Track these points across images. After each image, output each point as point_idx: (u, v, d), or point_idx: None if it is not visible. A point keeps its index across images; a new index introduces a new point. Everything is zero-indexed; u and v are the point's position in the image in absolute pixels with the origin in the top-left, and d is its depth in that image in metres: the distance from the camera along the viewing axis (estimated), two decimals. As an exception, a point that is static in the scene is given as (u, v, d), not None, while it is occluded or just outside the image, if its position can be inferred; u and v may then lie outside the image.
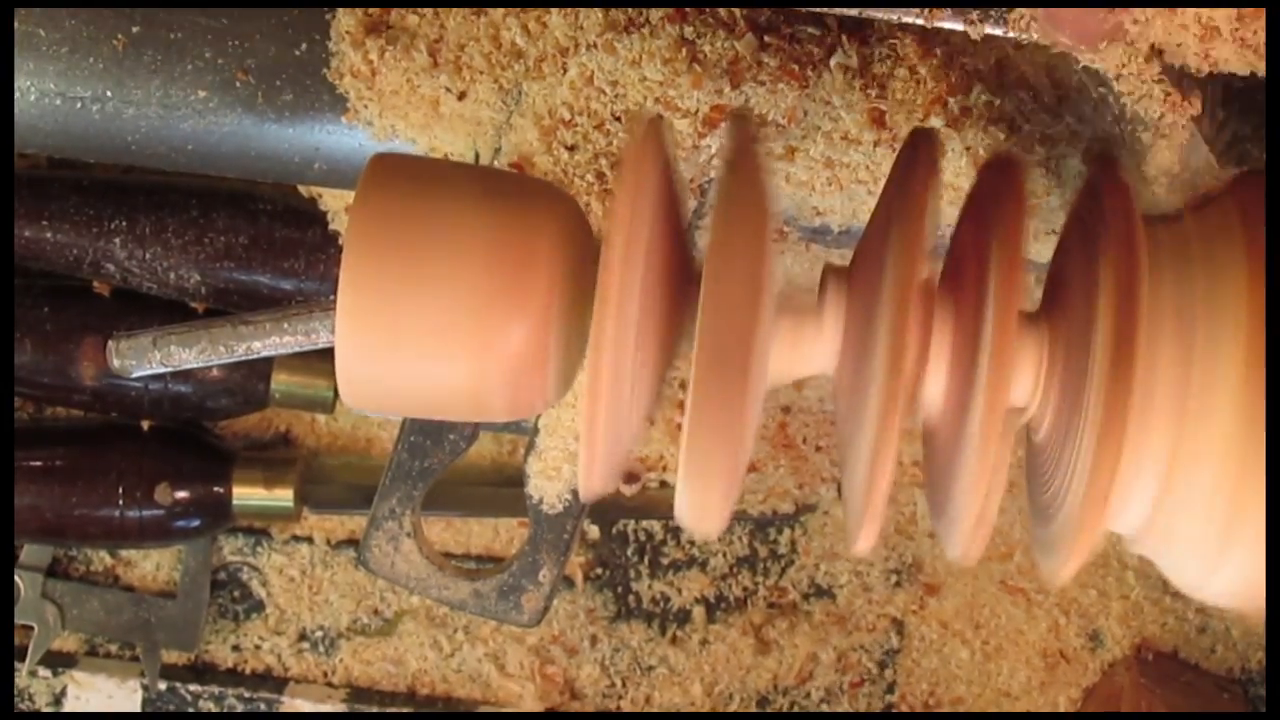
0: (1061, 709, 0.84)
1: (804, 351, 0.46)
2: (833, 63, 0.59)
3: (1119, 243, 0.43)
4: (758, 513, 0.83)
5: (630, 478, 0.80)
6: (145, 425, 0.79)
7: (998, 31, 0.53)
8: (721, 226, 0.42)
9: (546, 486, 0.67)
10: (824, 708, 0.84)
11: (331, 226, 0.73)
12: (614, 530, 0.84)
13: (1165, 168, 0.56)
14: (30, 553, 0.82)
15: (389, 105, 0.62)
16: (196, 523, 0.79)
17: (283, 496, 0.80)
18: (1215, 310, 0.43)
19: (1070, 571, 0.44)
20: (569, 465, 0.66)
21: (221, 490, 0.79)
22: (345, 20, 0.62)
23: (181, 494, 0.78)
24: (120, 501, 0.77)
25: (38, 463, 0.78)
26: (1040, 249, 0.60)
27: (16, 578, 0.82)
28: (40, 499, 0.77)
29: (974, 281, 0.44)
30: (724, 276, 0.41)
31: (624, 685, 0.85)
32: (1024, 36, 0.53)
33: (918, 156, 0.44)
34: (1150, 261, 0.43)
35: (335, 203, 0.72)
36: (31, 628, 0.82)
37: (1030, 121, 0.58)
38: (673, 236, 0.44)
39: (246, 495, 0.79)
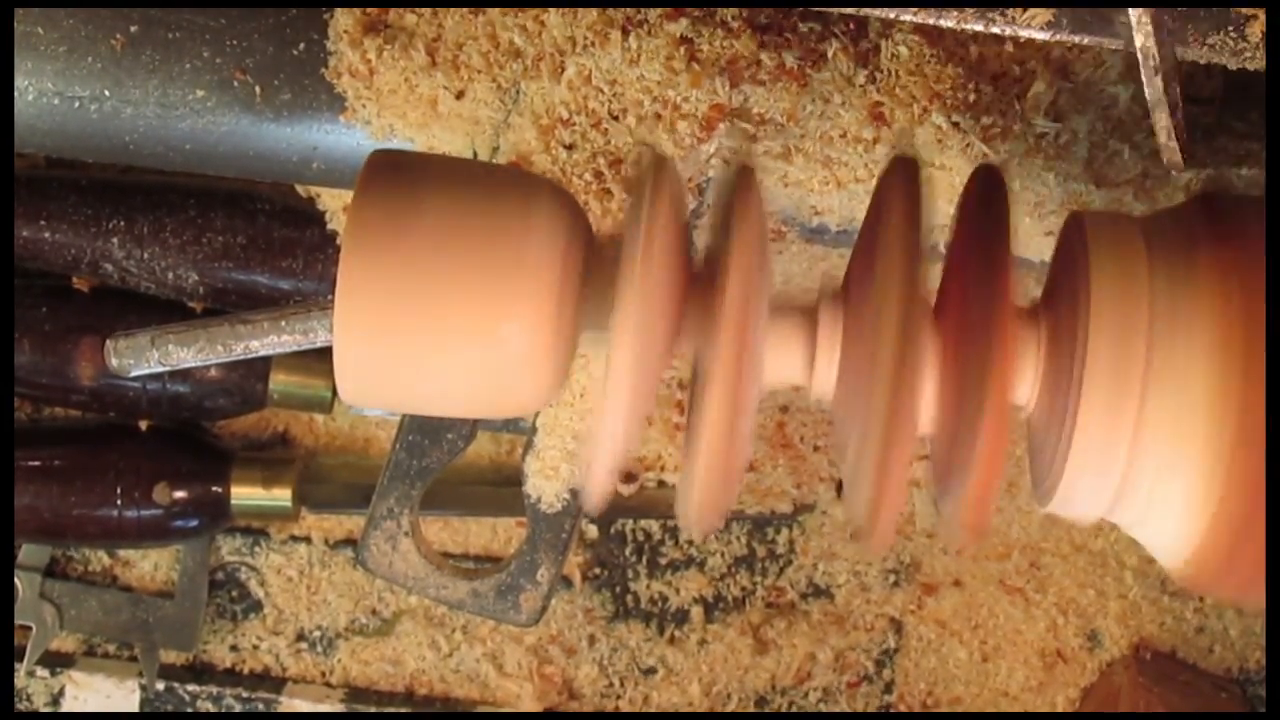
0: (1060, 709, 0.84)
1: (797, 360, 0.46)
2: (831, 60, 0.59)
3: (1110, 238, 0.43)
4: (755, 512, 0.83)
5: (628, 477, 0.80)
6: (143, 425, 0.79)
7: (998, 29, 0.53)
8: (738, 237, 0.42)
9: (544, 485, 0.67)
10: (822, 707, 0.84)
11: (329, 226, 0.73)
12: (612, 530, 0.84)
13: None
14: (29, 553, 0.82)
15: (387, 104, 0.62)
16: (195, 522, 0.79)
17: (281, 496, 0.80)
18: (1194, 306, 0.43)
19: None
20: (567, 464, 0.66)
21: (220, 490, 0.79)
22: (343, 19, 0.62)
23: (180, 494, 0.78)
24: (118, 501, 0.77)
25: (36, 463, 0.78)
26: (1040, 249, 0.60)
27: (15, 578, 0.82)
28: (39, 499, 0.77)
29: (963, 287, 0.44)
30: (747, 288, 0.42)
31: (622, 685, 0.85)
32: (1025, 33, 0.53)
33: (901, 173, 0.45)
34: (1145, 259, 0.43)
35: (333, 202, 0.72)
36: (30, 628, 0.82)
37: (1030, 119, 0.58)
38: (679, 240, 0.44)
39: (245, 495, 0.79)
